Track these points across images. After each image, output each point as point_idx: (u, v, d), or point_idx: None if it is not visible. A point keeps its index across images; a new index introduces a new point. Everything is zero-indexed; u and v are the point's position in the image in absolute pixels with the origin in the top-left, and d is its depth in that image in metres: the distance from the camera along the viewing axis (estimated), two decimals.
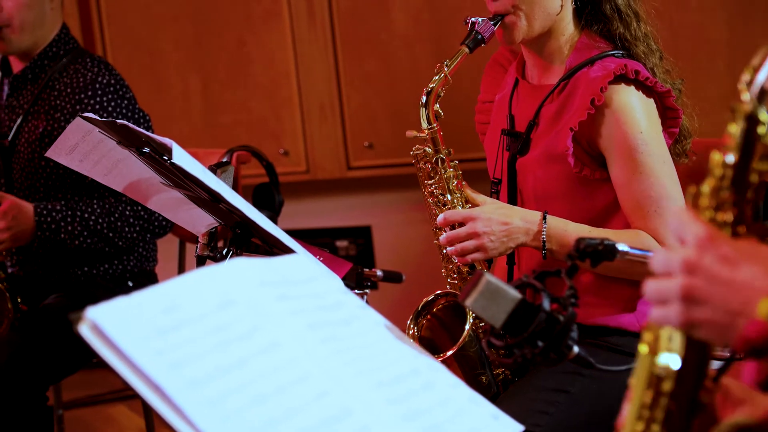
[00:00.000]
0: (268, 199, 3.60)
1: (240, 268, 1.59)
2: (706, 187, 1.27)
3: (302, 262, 1.75)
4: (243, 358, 1.46)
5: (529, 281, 1.81)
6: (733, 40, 4.01)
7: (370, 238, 4.77)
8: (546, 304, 1.77)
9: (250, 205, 2.18)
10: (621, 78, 2.43)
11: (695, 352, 1.28)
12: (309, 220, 4.75)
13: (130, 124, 2.27)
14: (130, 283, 3.47)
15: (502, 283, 1.76)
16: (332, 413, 1.48)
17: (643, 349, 1.31)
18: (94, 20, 4.68)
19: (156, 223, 3.36)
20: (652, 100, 2.47)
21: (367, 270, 3.24)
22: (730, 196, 1.25)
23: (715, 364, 1.36)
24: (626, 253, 1.83)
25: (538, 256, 2.51)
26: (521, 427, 1.72)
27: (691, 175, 2.59)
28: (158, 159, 2.27)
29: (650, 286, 1.27)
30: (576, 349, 1.79)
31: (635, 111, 2.43)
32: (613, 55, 2.50)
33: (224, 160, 3.50)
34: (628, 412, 1.34)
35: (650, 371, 1.30)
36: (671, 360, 1.29)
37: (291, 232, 2.38)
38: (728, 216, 1.26)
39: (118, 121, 2.29)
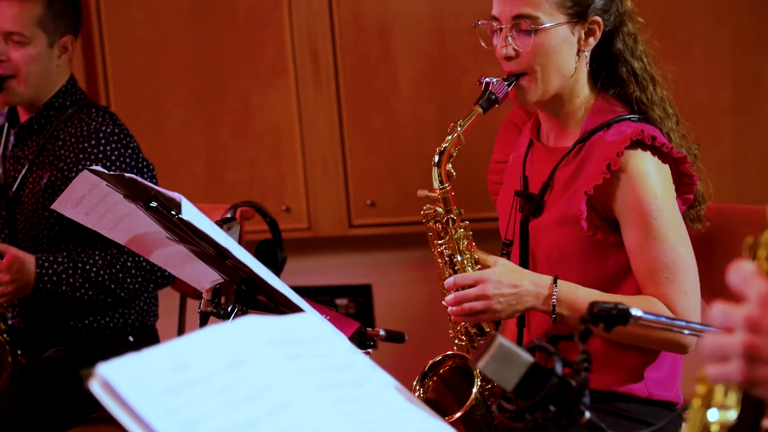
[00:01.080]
0: (271, 255, 3.58)
1: (249, 326, 1.57)
2: (764, 238, 1.26)
3: (311, 321, 1.73)
4: (253, 419, 1.44)
5: (541, 344, 1.78)
6: (739, 105, 4.02)
7: (371, 296, 4.75)
8: (559, 368, 1.75)
9: (258, 262, 2.17)
10: (637, 143, 2.43)
11: (751, 406, 1.27)
12: (309, 277, 4.72)
13: (138, 178, 2.26)
14: (131, 338, 3.45)
15: (515, 346, 1.74)
16: None
17: (695, 402, 1.29)
18: (99, 74, 4.68)
19: (159, 274, 3.34)
20: (667, 166, 2.46)
21: (369, 329, 3.22)
22: None
23: None
24: (640, 318, 1.82)
25: (549, 320, 2.49)
26: None
27: (703, 241, 2.58)
28: (165, 214, 2.26)
29: (708, 341, 1.24)
30: (588, 414, 1.76)
31: (651, 177, 2.43)
32: (629, 119, 2.50)
33: (228, 215, 3.50)
34: None
35: (702, 425, 1.29)
36: (726, 415, 1.27)
37: (293, 290, 2.37)
38: None
39: (127, 174, 2.28)
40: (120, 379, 1.36)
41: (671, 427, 2.54)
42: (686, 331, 2.32)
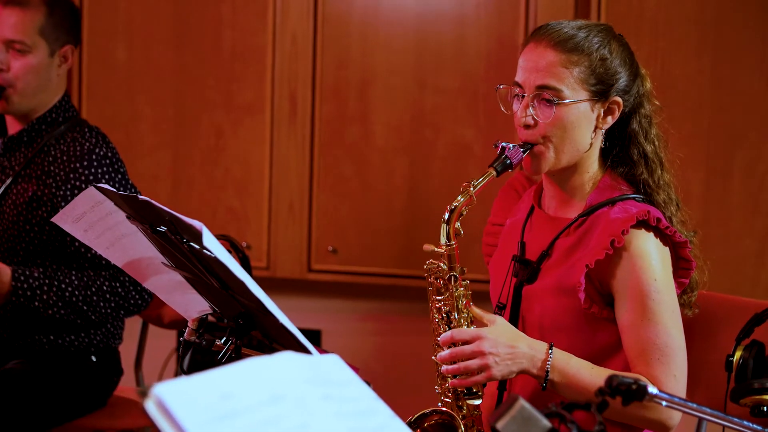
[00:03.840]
0: None
1: (289, 362, 1.58)
2: None
3: (339, 364, 1.74)
4: None
5: (558, 411, 1.80)
6: (709, 193, 4.10)
7: (319, 342, 4.74)
8: None
9: (268, 298, 2.16)
10: (642, 223, 2.47)
11: None
12: None
13: (154, 202, 2.25)
14: (93, 358, 3.41)
15: (535, 410, 1.76)
16: None
17: None
18: (74, 88, 4.66)
19: (132, 301, 3.31)
20: (668, 249, 2.51)
21: None
22: None
23: None
24: (656, 395, 1.84)
25: (531, 385, 2.51)
26: None
27: (691, 326, 2.62)
28: (173, 240, 2.25)
29: None
30: None
31: (652, 258, 2.47)
32: (634, 198, 2.54)
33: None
34: None
35: None
36: None
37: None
38: None
39: (141, 197, 2.27)
40: (175, 400, 1.36)
41: None
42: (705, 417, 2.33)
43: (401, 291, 4.50)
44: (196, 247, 2.17)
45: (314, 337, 4.73)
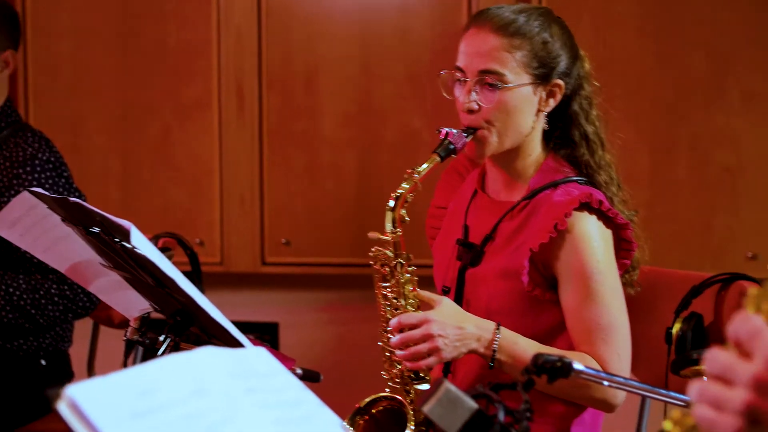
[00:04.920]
0: None
1: (211, 357, 1.59)
2: (766, 290, 1.19)
3: (265, 356, 1.75)
4: None
5: (485, 392, 1.82)
6: (656, 170, 4.14)
7: (276, 335, 4.75)
8: (501, 416, 1.79)
9: (201, 294, 2.17)
10: (585, 206, 2.49)
11: None
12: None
13: (84, 203, 2.25)
14: (43, 362, 3.41)
15: (461, 391, 1.77)
16: None
17: None
18: (20, 94, 4.64)
19: (80, 304, 3.31)
20: (610, 231, 2.53)
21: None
22: None
23: None
24: (581, 372, 1.87)
25: (475, 367, 2.53)
26: None
27: (632, 301, 2.65)
28: (107, 240, 2.25)
29: (704, 388, 1.19)
30: None
31: (594, 240, 2.49)
32: (576, 180, 2.56)
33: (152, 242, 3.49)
34: None
35: None
36: None
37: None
38: None
39: (71, 199, 2.27)
40: (88, 401, 1.36)
41: None
42: (625, 388, 2.36)
43: (356, 280, 4.51)
44: (129, 246, 2.17)
45: (272, 330, 4.74)
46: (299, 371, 3.10)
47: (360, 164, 4.43)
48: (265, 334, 4.74)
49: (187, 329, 2.41)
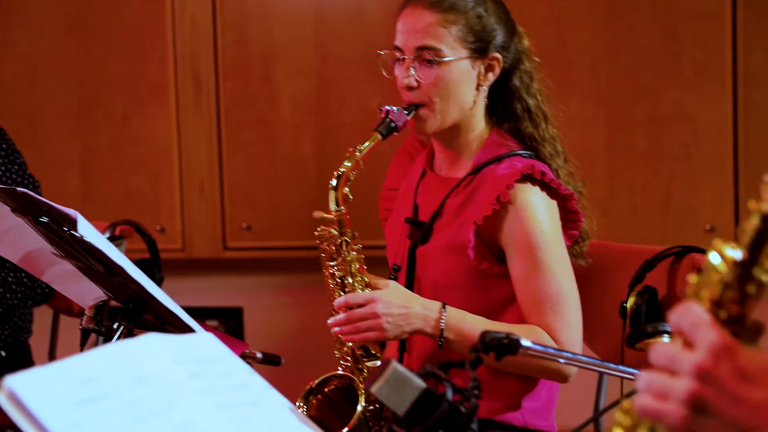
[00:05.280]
0: (148, 275, 3.56)
1: (154, 344, 1.59)
2: (709, 279, 1.22)
3: (212, 341, 1.75)
4: None
5: (433, 371, 1.83)
6: (613, 146, 4.16)
7: (242, 319, 4.75)
8: (449, 394, 1.80)
9: (150, 281, 2.17)
10: (527, 177, 2.51)
11: None
12: (181, 298, 4.67)
13: (31, 192, 2.24)
14: (3, 353, 3.39)
15: (409, 371, 1.78)
16: None
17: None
18: None
19: (39, 291, 3.30)
20: (555, 202, 2.54)
21: (246, 351, 3.23)
22: (733, 294, 1.19)
23: None
24: (529, 348, 1.88)
25: (429, 345, 2.54)
26: None
27: (582, 276, 2.67)
28: (55, 229, 2.25)
29: (650, 378, 1.20)
30: None
31: (538, 211, 2.50)
32: (520, 154, 2.58)
33: (107, 233, 3.48)
34: None
35: None
36: None
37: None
38: (729, 313, 1.20)
39: (19, 189, 2.26)
40: (27, 391, 1.37)
41: None
42: (574, 363, 2.38)
43: (318, 262, 4.50)
44: (77, 235, 2.16)
45: (236, 314, 4.74)
46: (259, 355, 3.11)
47: (319, 147, 4.42)
48: (229, 319, 4.74)
49: (141, 316, 2.41)
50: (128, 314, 2.39)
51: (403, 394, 1.78)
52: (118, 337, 2.39)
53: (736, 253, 1.21)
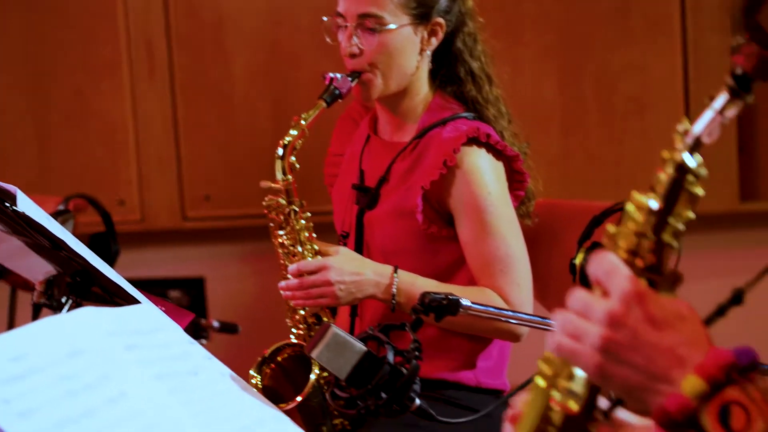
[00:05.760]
0: (104, 248, 3.56)
1: (88, 317, 1.59)
2: (626, 229, 1.23)
3: (149, 312, 1.76)
4: (91, 408, 1.45)
5: (374, 334, 1.85)
6: (565, 103, 4.16)
7: (204, 289, 4.75)
8: (390, 356, 1.81)
9: (93, 254, 2.17)
10: (473, 140, 2.51)
11: (591, 385, 1.27)
12: (143, 269, 4.70)
13: None
14: None
15: (348, 335, 1.79)
16: None
17: (539, 381, 1.29)
18: None
19: None
20: (501, 164, 2.55)
21: (203, 320, 3.24)
22: (649, 243, 1.21)
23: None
24: (469, 308, 1.89)
25: (381, 309, 2.56)
26: None
27: (531, 235, 2.68)
28: None
29: (566, 319, 1.22)
30: (418, 401, 1.83)
31: (485, 173, 2.51)
32: (465, 117, 2.58)
33: (61, 207, 3.47)
34: None
35: (544, 404, 1.29)
36: (569, 400, 1.27)
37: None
38: (645, 262, 1.22)
39: None
40: None
41: (497, 413, 2.63)
42: (513, 321, 2.40)
43: None
44: (20, 210, 2.16)
45: (198, 285, 4.73)
46: (216, 324, 3.12)
47: (274, 115, 4.41)
48: (191, 290, 4.73)
49: (89, 290, 2.41)
50: (76, 288, 2.39)
51: (343, 358, 1.79)
52: (67, 311, 2.39)
53: (652, 203, 1.23)
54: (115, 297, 2.40)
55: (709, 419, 1.12)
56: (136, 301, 2.25)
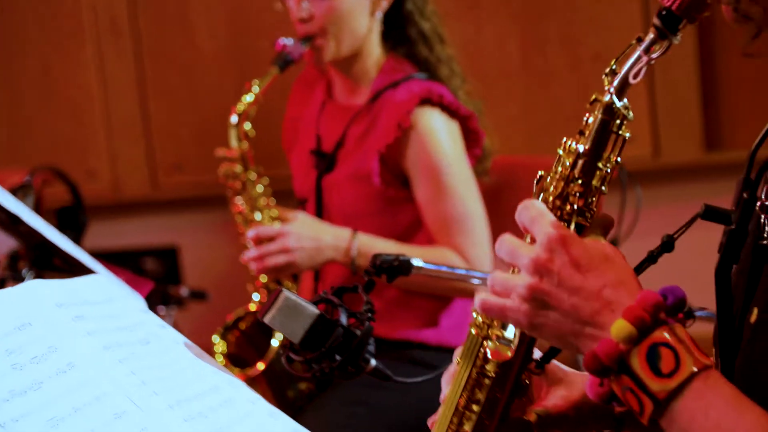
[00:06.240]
0: (72, 220, 3.56)
1: (36, 289, 1.59)
2: (555, 174, 1.24)
3: (101, 283, 1.75)
4: (38, 381, 1.45)
5: (326, 297, 1.85)
6: (528, 60, 4.16)
7: (178, 258, 4.75)
8: (343, 318, 1.82)
9: (49, 226, 2.17)
10: (426, 102, 2.52)
11: (524, 336, 1.28)
12: (116, 240, 4.70)
13: None
14: None
15: (300, 299, 1.80)
16: None
17: (473, 331, 1.30)
18: None
19: None
20: (456, 124, 2.56)
21: (172, 288, 3.25)
22: (578, 188, 1.22)
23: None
24: (421, 268, 1.90)
25: (343, 272, 2.56)
26: None
27: (492, 192, 2.69)
28: None
29: (494, 276, 1.22)
30: (373, 362, 1.84)
31: (440, 134, 2.52)
32: (417, 77, 2.58)
33: (27, 179, 3.46)
34: (449, 389, 1.35)
35: (476, 354, 1.30)
36: (501, 348, 1.28)
37: (98, 253, 2.38)
38: (575, 206, 1.23)
39: None
40: None
41: None
42: (475, 281, 2.41)
43: None
44: None
45: (172, 253, 4.73)
46: (185, 291, 3.12)
47: (240, 81, 4.37)
48: (166, 259, 4.73)
49: (49, 262, 2.41)
50: (36, 260, 2.39)
51: (296, 321, 1.79)
52: None
53: (580, 147, 1.23)
54: (75, 269, 2.41)
55: (639, 362, 1.12)
56: (93, 273, 2.25)
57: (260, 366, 2.54)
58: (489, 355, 1.29)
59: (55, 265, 2.43)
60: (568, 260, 1.17)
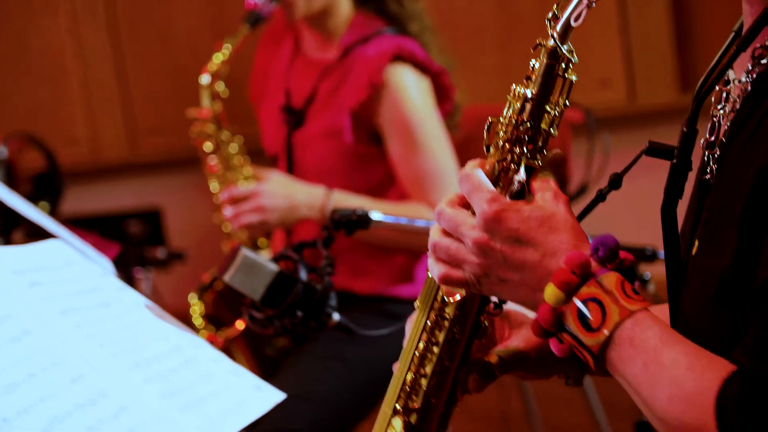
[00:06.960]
0: (48, 186, 3.57)
1: None
2: (505, 119, 1.25)
3: (58, 248, 1.75)
4: None
5: (286, 253, 1.85)
6: (502, 14, 4.15)
7: (160, 219, 4.76)
8: (303, 275, 1.82)
9: (9, 192, 2.17)
10: (397, 58, 2.50)
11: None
12: (98, 203, 4.71)
13: None
14: None
15: (259, 257, 1.80)
16: (87, 397, 1.48)
17: (429, 275, 1.31)
18: None
19: None
20: (427, 79, 2.55)
21: (149, 250, 3.25)
22: (526, 130, 1.23)
23: None
24: (380, 222, 1.89)
25: (313, 232, 2.56)
26: (283, 395, 1.76)
27: (463, 144, 2.68)
28: None
29: (438, 245, 1.24)
30: (336, 316, 1.84)
31: (411, 91, 2.51)
32: (387, 33, 2.57)
33: (1, 147, 3.47)
34: (409, 334, 1.36)
35: (434, 296, 1.32)
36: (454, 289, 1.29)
37: (80, 218, 2.38)
38: (524, 149, 1.24)
39: None
40: None
41: None
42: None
43: None
44: None
45: (155, 215, 4.74)
46: (162, 252, 3.13)
47: (216, 39, 4.38)
48: (149, 221, 4.74)
49: (16, 227, 2.42)
50: (2, 227, 2.40)
51: (256, 279, 1.80)
52: None
53: (527, 91, 1.24)
54: (41, 235, 2.41)
55: (572, 321, 1.15)
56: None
57: (240, 325, 2.55)
58: (446, 297, 1.29)
59: (23, 230, 2.44)
60: (508, 235, 1.19)
